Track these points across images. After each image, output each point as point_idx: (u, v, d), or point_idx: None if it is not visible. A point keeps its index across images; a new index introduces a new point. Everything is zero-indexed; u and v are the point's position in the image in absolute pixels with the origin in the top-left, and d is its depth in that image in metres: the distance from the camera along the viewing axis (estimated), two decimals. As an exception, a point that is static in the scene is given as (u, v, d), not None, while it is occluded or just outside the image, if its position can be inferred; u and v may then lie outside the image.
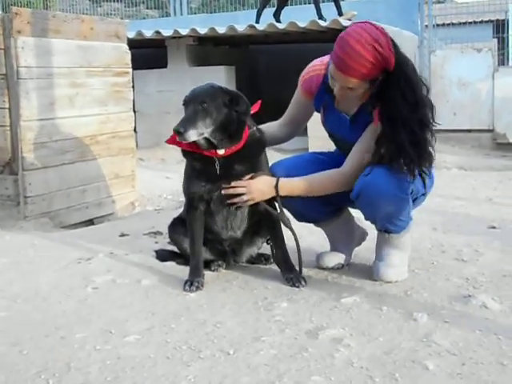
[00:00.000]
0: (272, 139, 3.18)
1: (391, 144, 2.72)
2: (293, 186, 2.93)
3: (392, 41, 2.68)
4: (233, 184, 2.89)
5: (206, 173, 2.91)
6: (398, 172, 2.72)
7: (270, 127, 3.20)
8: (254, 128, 3.00)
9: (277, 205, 3.00)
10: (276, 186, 2.90)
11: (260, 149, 3.01)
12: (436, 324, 2.44)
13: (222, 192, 2.90)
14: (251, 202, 2.93)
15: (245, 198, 2.89)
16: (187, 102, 2.82)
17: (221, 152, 2.86)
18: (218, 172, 2.88)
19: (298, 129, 3.30)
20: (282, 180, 2.92)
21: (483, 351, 2.21)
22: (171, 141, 2.93)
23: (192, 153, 2.92)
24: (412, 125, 2.68)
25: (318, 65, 2.98)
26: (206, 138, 2.82)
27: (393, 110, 2.70)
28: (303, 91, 3.07)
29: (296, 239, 2.99)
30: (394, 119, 2.70)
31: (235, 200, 2.91)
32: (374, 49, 2.60)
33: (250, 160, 2.95)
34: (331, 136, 3.14)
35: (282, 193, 2.92)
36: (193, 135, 2.73)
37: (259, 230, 3.18)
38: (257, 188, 2.90)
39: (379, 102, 2.75)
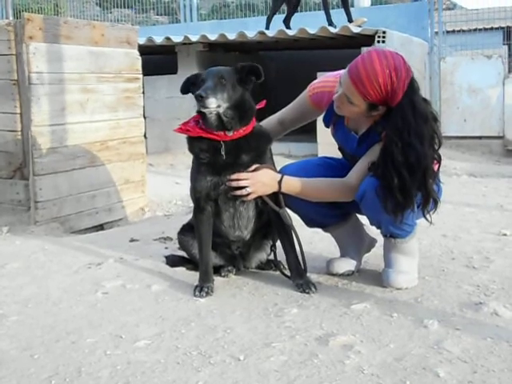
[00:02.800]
0: None
1: (382, 180, 2.73)
2: (296, 185, 2.94)
3: (411, 82, 2.68)
4: (236, 176, 2.88)
5: (212, 164, 2.91)
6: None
7: (267, 125, 3.21)
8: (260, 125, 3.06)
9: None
10: (280, 182, 2.92)
11: (266, 142, 3.02)
12: (447, 331, 2.44)
13: (227, 184, 2.90)
14: (254, 196, 2.93)
15: (248, 189, 2.89)
16: (206, 77, 2.85)
17: (229, 134, 2.88)
18: (224, 158, 2.88)
19: (290, 129, 3.33)
20: (287, 177, 2.94)
21: (494, 359, 2.20)
22: (180, 130, 2.96)
23: (198, 142, 2.92)
24: (400, 168, 2.66)
25: (332, 81, 2.98)
26: (218, 115, 2.84)
27: (387, 147, 2.70)
28: (312, 101, 3.10)
29: (297, 237, 3.01)
30: (386, 157, 2.70)
31: (237, 192, 2.91)
32: (389, 76, 2.63)
33: (256, 151, 2.96)
34: (340, 149, 3.17)
35: (285, 189, 2.93)
36: (212, 103, 2.76)
37: (267, 234, 3.19)
38: (260, 180, 2.90)
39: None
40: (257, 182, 2.89)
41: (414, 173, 2.65)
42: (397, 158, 2.65)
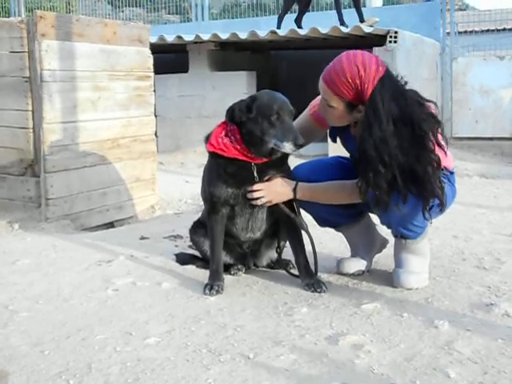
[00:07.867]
0: None
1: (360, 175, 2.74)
2: (311, 191, 2.96)
3: (383, 79, 2.65)
4: (251, 188, 2.92)
5: (240, 177, 2.92)
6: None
7: None
8: None
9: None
10: (294, 190, 2.93)
11: (287, 156, 3.02)
12: (457, 332, 2.43)
13: (248, 195, 2.93)
14: (269, 204, 2.97)
15: (263, 200, 2.92)
16: (282, 113, 2.83)
17: (264, 159, 2.91)
18: (255, 176, 2.90)
19: None
20: (301, 184, 2.96)
21: (505, 360, 2.18)
22: (213, 147, 2.92)
23: (228, 163, 2.91)
24: (375, 164, 2.64)
25: None
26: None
27: (361, 144, 2.69)
28: (314, 119, 3.11)
29: (312, 243, 3.01)
30: (362, 154, 2.69)
31: (253, 202, 2.95)
32: (357, 71, 2.65)
33: (282, 168, 3.00)
34: (351, 156, 3.17)
35: (300, 196, 2.95)
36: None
37: (277, 231, 3.18)
38: (274, 190, 2.93)
39: None
40: (271, 191, 2.93)
41: (388, 167, 2.63)
42: (370, 153, 2.64)
